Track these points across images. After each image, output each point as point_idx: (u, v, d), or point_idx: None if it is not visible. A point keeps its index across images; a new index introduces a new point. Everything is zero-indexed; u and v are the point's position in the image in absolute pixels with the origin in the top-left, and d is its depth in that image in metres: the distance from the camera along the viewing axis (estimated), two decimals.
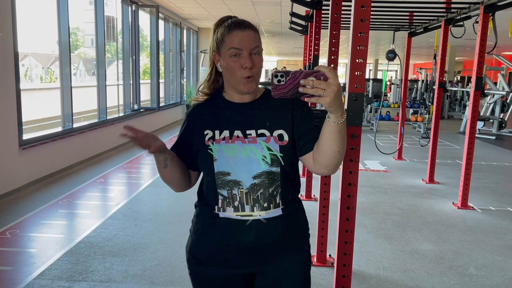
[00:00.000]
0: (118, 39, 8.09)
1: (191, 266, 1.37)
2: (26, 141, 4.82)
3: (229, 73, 1.25)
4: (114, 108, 7.87)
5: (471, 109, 4.46)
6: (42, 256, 3.12)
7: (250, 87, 1.25)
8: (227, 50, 1.23)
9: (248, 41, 1.23)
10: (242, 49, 1.22)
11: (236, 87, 1.26)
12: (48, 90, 9.36)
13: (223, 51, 1.25)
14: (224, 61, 1.25)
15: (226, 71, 1.26)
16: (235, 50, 1.22)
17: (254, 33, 1.25)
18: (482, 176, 5.99)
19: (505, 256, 3.36)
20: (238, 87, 1.26)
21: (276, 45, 18.89)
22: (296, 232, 1.34)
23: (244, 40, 1.23)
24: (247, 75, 1.23)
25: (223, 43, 1.24)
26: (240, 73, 1.23)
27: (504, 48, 15.59)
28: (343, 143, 1.14)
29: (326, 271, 3.00)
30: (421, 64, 23.56)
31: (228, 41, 1.23)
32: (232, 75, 1.24)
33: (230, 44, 1.23)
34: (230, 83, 1.28)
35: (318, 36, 4.48)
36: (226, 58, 1.24)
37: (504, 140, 9.74)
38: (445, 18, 5.09)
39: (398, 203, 4.67)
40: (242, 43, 1.22)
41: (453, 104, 14.30)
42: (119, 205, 4.30)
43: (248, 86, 1.24)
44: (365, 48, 1.79)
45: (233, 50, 1.22)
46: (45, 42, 8.71)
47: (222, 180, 1.26)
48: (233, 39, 1.23)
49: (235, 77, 1.24)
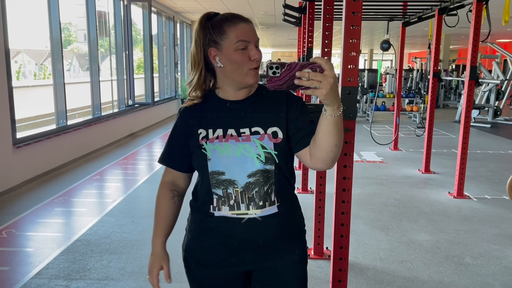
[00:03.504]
0: (111, 34, 8.02)
1: (187, 265, 1.37)
2: (20, 140, 4.79)
3: (235, 67, 1.21)
4: (109, 104, 7.83)
5: (465, 98, 4.46)
6: (39, 255, 3.11)
7: (257, 78, 1.24)
8: (234, 43, 1.19)
9: (253, 34, 1.22)
10: (250, 41, 1.20)
11: (242, 80, 1.22)
12: (42, 87, 9.30)
13: (225, 45, 1.20)
14: (228, 56, 1.20)
15: (230, 65, 1.21)
16: (243, 42, 1.19)
17: (253, 26, 1.24)
18: (477, 164, 6.02)
19: (501, 244, 3.38)
20: (244, 81, 1.22)
21: (271, 37, 18.81)
22: (291, 229, 1.34)
23: (251, 33, 1.21)
24: (256, 66, 1.21)
25: (226, 37, 1.20)
26: (248, 65, 1.20)
27: (499, 35, 15.59)
28: (340, 136, 1.12)
29: (323, 264, 3.01)
30: (416, 53, 23.53)
31: (234, 34, 1.19)
32: (239, 68, 1.20)
33: (238, 37, 1.19)
34: (234, 77, 1.23)
35: (311, 27, 4.46)
36: (231, 52, 1.19)
37: (499, 128, 9.77)
38: (439, 7, 5.07)
39: (394, 194, 4.69)
40: (249, 35, 1.20)
41: (448, 93, 14.31)
42: (116, 202, 4.29)
43: (255, 78, 1.23)
44: (358, 41, 1.78)
45: (241, 43, 1.19)
46: (37, 38, 8.61)
47: (217, 179, 1.24)
48: (238, 31, 1.19)
49: (242, 71, 1.21)
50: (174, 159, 1.35)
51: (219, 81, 1.29)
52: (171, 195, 1.37)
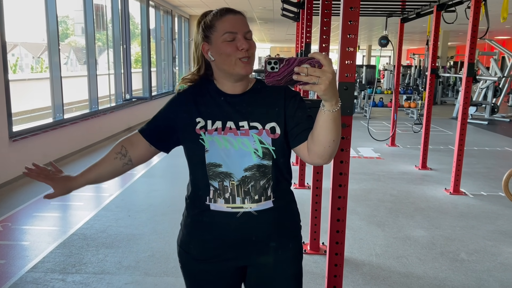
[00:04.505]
0: (108, 28, 7.98)
1: (182, 260, 1.37)
2: (16, 133, 4.77)
3: (223, 58, 1.21)
4: (106, 98, 7.80)
5: (463, 95, 4.46)
6: (35, 248, 3.11)
7: (248, 69, 1.23)
8: (221, 35, 1.20)
9: (242, 24, 1.22)
10: (237, 32, 1.20)
11: (232, 71, 1.22)
12: (39, 81, 9.25)
13: (214, 38, 1.22)
14: (217, 48, 1.21)
15: (219, 56, 1.22)
16: (230, 34, 1.19)
17: (244, 18, 1.24)
18: (474, 161, 6.03)
19: (496, 241, 3.40)
20: (234, 71, 1.22)
21: (269, 32, 18.76)
22: (287, 224, 1.34)
23: (238, 23, 1.21)
24: (244, 55, 1.20)
25: (214, 30, 1.21)
26: (236, 55, 1.20)
27: (497, 32, 15.58)
28: (338, 132, 1.12)
29: (319, 259, 3.02)
30: (414, 50, 23.52)
31: (221, 27, 1.20)
32: (227, 58, 1.20)
33: (224, 29, 1.20)
34: (224, 69, 1.23)
35: (309, 23, 4.44)
36: (219, 44, 1.20)
37: (496, 125, 9.79)
38: (437, 4, 5.06)
39: (391, 189, 4.70)
40: (236, 26, 1.20)
41: (446, 89, 14.32)
42: (112, 196, 4.29)
43: (246, 68, 1.22)
44: (355, 36, 1.77)
45: (227, 34, 1.19)
46: (34, 31, 8.56)
47: (213, 171, 1.25)
48: (225, 23, 1.20)
49: (230, 61, 1.20)
50: (152, 135, 1.33)
51: (215, 75, 1.29)
52: (118, 149, 1.34)
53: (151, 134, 1.33)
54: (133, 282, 2.66)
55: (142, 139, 1.33)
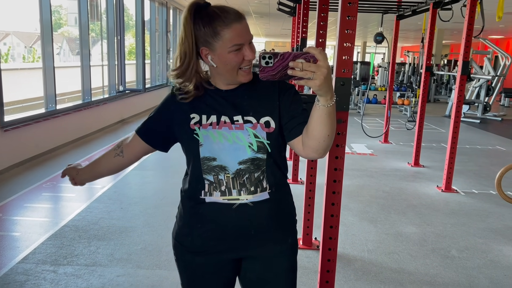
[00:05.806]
0: (102, 18, 7.90)
1: (177, 252, 1.36)
2: (8, 123, 4.72)
3: (227, 68, 1.20)
4: (99, 89, 7.74)
5: (456, 93, 4.49)
6: (26, 239, 3.08)
7: (250, 77, 1.24)
8: (228, 47, 1.17)
9: (247, 33, 1.19)
10: (244, 43, 1.18)
11: (234, 80, 1.23)
12: (31, 70, 9.15)
13: (218, 47, 1.17)
14: (222, 58, 1.18)
15: (223, 66, 1.20)
16: (237, 45, 1.17)
17: (246, 22, 1.21)
18: (466, 159, 6.08)
19: (487, 238, 3.43)
20: (237, 80, 1.23)
21: (264, 26, 18.69)
22: (283, 216, 1.34)
23: (244, 33, 1.18)
24: (247, 64, 1.20)
25: (220, 39, 1.17)
26: (242, 65, 1.20)
27: (491, 32, 15.67)
28: (333, 126, 1.12)
29: (312, 254, 3.03)
30: (409, 47, 23.58)
31: (228, 37, 1.16)
32: (232, 69, 1.20)
33: (232, 41, 1.16)
34: (226, 77, 1.23)
35: (306, 18, 4.43)
36: (224, 54, 1.18)
37: (488, 123, 9.87)
38: (434, 1, 5.06)
39: (383, 186, 4.72)
40: (243, 37, 1.18)
41: (439, 87, 14.39)
42: (105, 188, 4.26)
43: (248, 76, 1.23)
44: (353, 32, 1.77)
45: (235, 46, 1.17)
46: (27, 20, 8.45)
47: (208, 165, 1.24)
48: (233, 35, 1.16)
49: (234, 71, 1.20)
50: (148, 134, 1.36)
51: (211, 73, 1.29)
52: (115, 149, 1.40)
53: (147, 133, 1.36)
54: (125, 274, 2.65)
55: (138, 138, 1.36)
